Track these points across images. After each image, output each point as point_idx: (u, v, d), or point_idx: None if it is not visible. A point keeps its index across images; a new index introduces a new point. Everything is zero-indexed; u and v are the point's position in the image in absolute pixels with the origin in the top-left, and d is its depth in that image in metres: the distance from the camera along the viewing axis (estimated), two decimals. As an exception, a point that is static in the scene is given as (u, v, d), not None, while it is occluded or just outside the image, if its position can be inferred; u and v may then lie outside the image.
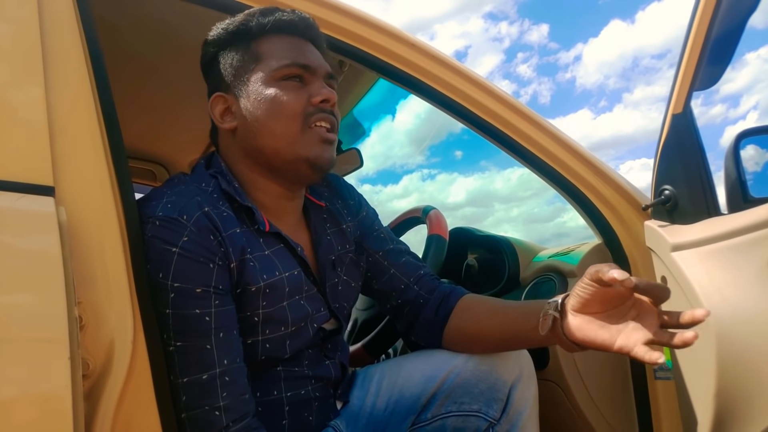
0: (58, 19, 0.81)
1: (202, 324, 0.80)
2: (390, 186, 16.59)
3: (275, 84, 0.91)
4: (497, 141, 1.24)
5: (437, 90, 1.20)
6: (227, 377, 0.80)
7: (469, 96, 1.21)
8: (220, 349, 0.80)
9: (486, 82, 1.23)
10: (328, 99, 0.92)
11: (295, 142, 0.91)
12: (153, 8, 1.25)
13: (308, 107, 0.91)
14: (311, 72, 0.94)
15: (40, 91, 0.75)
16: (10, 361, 0.59)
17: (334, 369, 1.00)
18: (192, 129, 1.97)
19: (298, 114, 0.90)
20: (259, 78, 0.92)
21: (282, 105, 0.90)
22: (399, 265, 1.10)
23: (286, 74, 0.92)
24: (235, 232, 0.86)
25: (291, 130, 0.90)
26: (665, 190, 1.12)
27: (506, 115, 1.22)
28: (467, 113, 1.22)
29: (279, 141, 0.91)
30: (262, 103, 0.91)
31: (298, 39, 0.96)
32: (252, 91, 0.92)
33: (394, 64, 1.18)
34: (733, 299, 0.94)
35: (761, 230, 0.93)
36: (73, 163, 0.75)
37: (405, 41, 1.17)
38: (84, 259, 0.70)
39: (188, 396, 0.78)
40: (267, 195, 0.95)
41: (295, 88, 0.92)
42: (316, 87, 0.93)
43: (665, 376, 1.23)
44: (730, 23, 0.95)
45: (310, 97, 0.92)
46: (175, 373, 0.79)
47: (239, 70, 0.93)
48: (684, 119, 1.06)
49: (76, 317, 0.63)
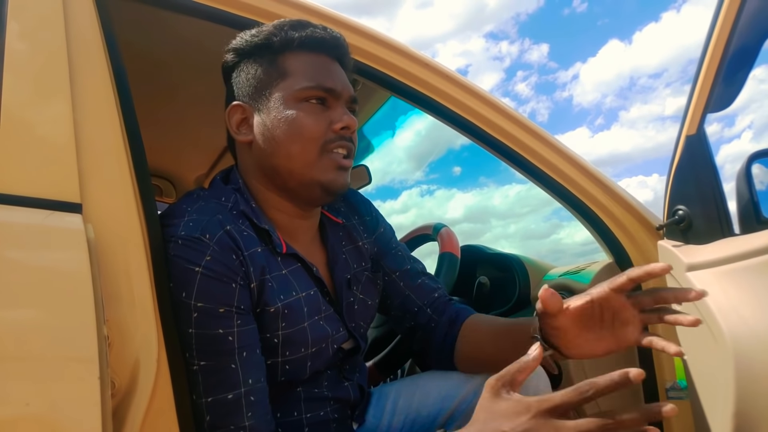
0: (83, 38, 0.82)
1: (226, 344, 0.79)
2: (389, 201, 16.78)
3: (297, 104, 0.89)
4: (510, 161, 1.25)
5: (450, 109, 1.21)
6: (252, 397, 0.80)
7: (481, 115, 1.22)
8: (244, 369, 0.80)
9: (497, 101, 1.24)
10: (348, 126, 0.91)
11: (311, 166, 0.89)
12: (162, 27, 1.26)
13: (328, 133, 0.90)
14: (335, 96, 0.92)
15: (67, 109, 0.75)
16: (41, 380, 0.59)
17: (352, 390, 0.99)
18: (199, 145, 1.98)
19: (317, 139, 0.89)
20: (281, 95, 0.90)
21: (302, 128, 0.89)
22: (415, 287, 1.09)
23: (309, 96, 0.90)
24: (256, 251, 0.86)
25: (308, 154, 0.89)
26: (679, 210, 1.13)
27: (519, 135, 1.23)
28: (480, 132, 1.22)
29: (295, 163, 0.89)
30: (281, 122, 0.89)
31: (326, 58, 0.93)
32: (272, 108, 0.90)
33: (407, 83, 1.19)
34: (750, 319, 0.95)
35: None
36: (98, 180, 0.75)
37: (418, 60, 1.18)
38: (110, 277, 0.70)
39: (213, 415, 0.78)
40: (282, 213, 0.94)
41: (316, 112, 0.90)
42: (338, 113, 0.91)
43: (678, 396, 1.22)
44: (746, 47, 0.97)
45: (331, 122, 0.90)
46: (198, 392, 0.78)
47: (261, 83, 0.92)
48: (698, 140, 1.07)
49: (105, 336, 0.63)
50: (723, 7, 0.98)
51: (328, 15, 1.11)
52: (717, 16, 1.00)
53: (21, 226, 0.65)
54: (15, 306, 0.61)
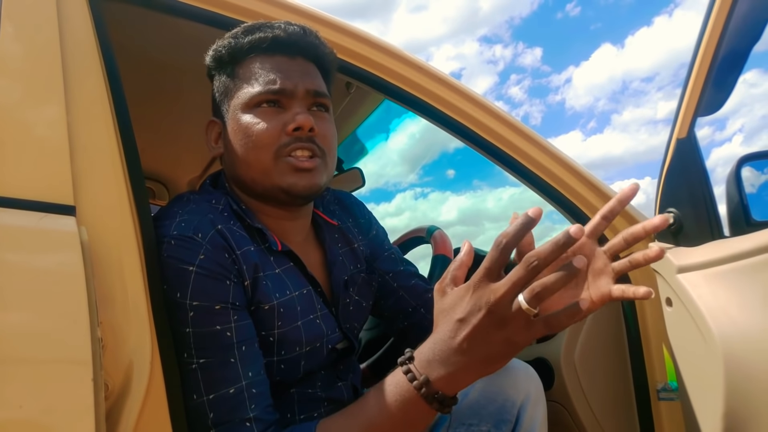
0: (78, 41, 0.82)
1: (224, 339, 0.79)
2: (383, 204, 16.64)
3: (250, 111, 0.88)
4: (503, 163, 1.25)
5: (443, 112, 1.21)
6: (254, 389, 0.80)
7: (474, 118, 1.22)
8: (244, 362, 0.80)
9: (490, 104, 1.24)
10: (301, 126, 0.86)
11: (269, 173, 0.87)
12: (154, 30, 1.26)
13: (282, 137, 0.87)
14: (288, 96, 0.88)
15: (61, 112, 0.75)
16: (34, 382, 0.59)
17: (346, 391, 1.00)
18: (192, 148, 1.98)
19: (269, 144, 0.86)
20: (237, 105, 0.89)
21: (254, 135, 0.86)
22: (408, 288, 1.10)
23: (259, 101, 0.88)
24: (248, 250, 0.86)
25: (263, 162, 0.87)
26: (670, 213, 1.14)
27: (512, 138, 1.24)
28: (473, 135, 1.23)
29: (253, 171, 0.88)
30: (237, 132, 0.88)
31: (282, 57, 0.90)
32: (230, 119, 0.90)
33: (401, 86, 1.19)
34: (740, 320, 0.96)
35: (766, 254, 0.94)
36: (92, 182, 0.75)
37: (411, 63, 1.19)
38: (104, 279, 0.70)
39: (216, 412, 0.77)
40: (268, 217, 0.94)
41: (269, 115, 0.87)
42: (290, 114, 0.88)
43: (669, 397, 1.23)
44: (735, 51, 0.98)
45: (284, 124, 0.87)
46: (200, 391, 0.78)
47: (223, 95, 0.92)
48: (688, 144, 1.08)
49: (99, 338, 0.63)
50: (713, 13, 1.00)
51: (320, 17, 1.11)
52: (707, 22, 1.01)
53: (15, 229, 0.65)
54: (8, 308, 0.61)
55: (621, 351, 1.26)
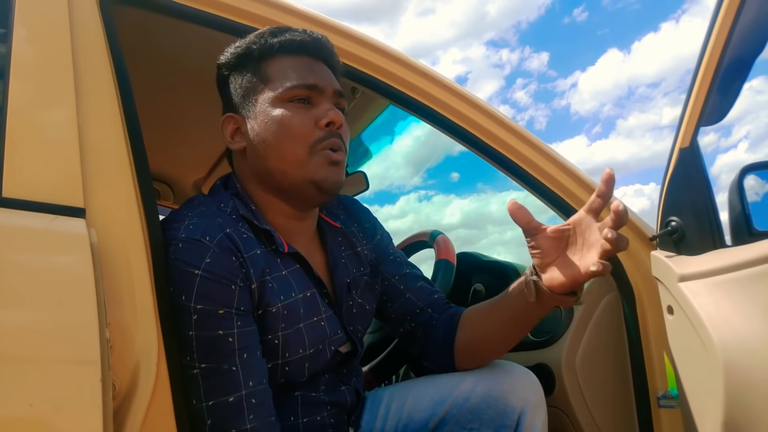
0: (88, 43, 0.83)
1: (226, 345, 0.80)
2: (387, 206, 16.75)
3: (282, 105, 0.92)
4: (506, 169, 1.26)
5: (447, 117, 1.22)
6: (254, 399, 0.80)
7: (477, 124, 1.23)
8: (245, 371, 0.81)
9: (494, 110, 1.25)
10: (334, 121, 0.92)
11: (303, 165, 0.91)
12: (162, 32, 1.27)
13: (316, 131, 0.92)
14: (318, 92, 0.94)
15: (72, 113, 0.77)
16: (44, 381, 0.59)
17: (349, 395, 1.00)
18: (197, 148, 1.98)
19: (305, 137, 0.91)
20: (267, 99, 0.93)
21: (289, 127, 0.91)
22: (415, 289, 1.11)
23: (293, 96, 0.92)
24: (255, 253, 0.87)
25: (298, 153, 0.91)
26: (672, 222, 1.14)
27: (515, 144, 1.24)
28: (476, 141, 1.23)
29: (287, 163, 0.91)
30: (269, 124, 0.91)
31: (308, 58, 0.96)
32: (260, 113, 0.93)
33: (406, 92, 1.20)
34: (741, 330, 0.96)
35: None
36: (102, 184, 0.76)
37: (416, 69, 1.20)
38: (112, 280, 0.71)
39: (214, 419, 0.78)
40: (279, 216, 0.96)
41: (301, 110, 0.92)
42: (323, 109, 0.93)
43: (669, 405, 1.24)
44: (739, 61, 0.98)
45: (317, 120, 0.92)
46: (199, 396, 0.79)
47: (248, 91, 0.95)
48: (691, 153, 1.08)
49: (107, 339, 0.64)
50: (717, 21, 1.00)
51: (328, 23, 1.12)
52: (711, 30, 1.01)
53: (26, 230, 0.66)
54: (19, 308, 0.62)
55: (622, 358, 1.26)
